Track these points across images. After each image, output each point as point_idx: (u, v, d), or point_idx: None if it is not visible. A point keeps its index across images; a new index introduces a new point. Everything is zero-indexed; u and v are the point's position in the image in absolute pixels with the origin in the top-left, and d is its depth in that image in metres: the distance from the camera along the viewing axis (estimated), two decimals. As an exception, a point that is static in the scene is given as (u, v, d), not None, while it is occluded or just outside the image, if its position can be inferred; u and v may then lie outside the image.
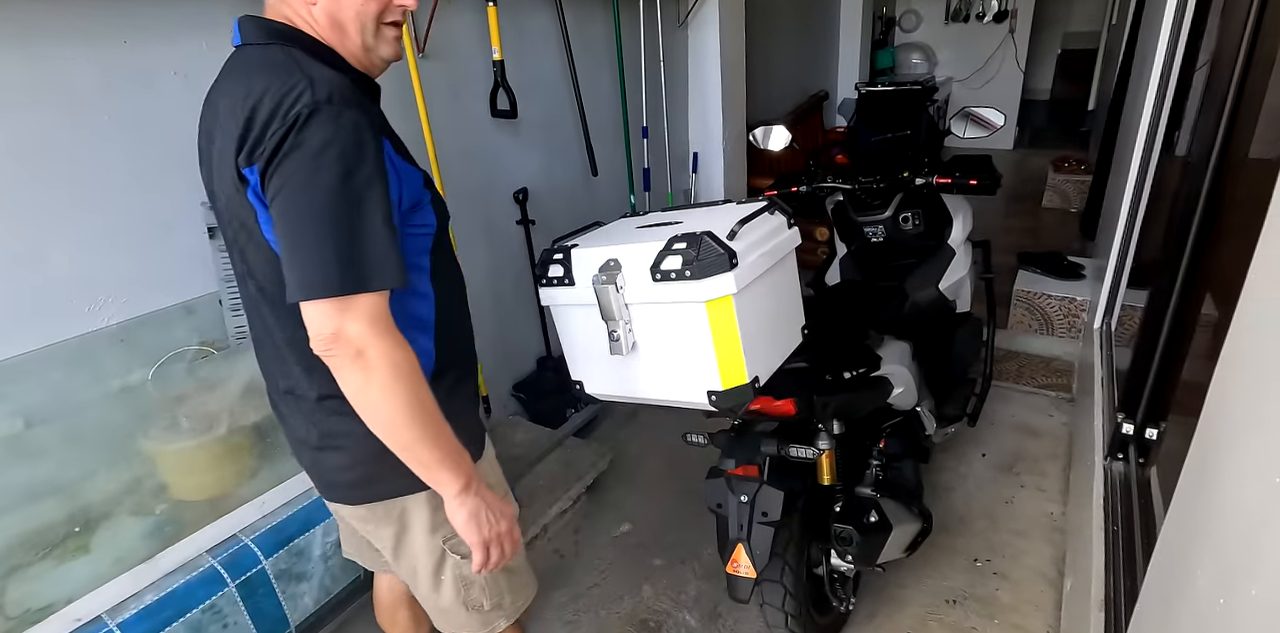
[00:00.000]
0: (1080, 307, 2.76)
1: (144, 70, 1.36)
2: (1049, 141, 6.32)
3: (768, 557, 1.34)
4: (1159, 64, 2.08)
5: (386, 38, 0.95)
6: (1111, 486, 1.56)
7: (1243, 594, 0.60)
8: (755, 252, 1.05)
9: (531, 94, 2.22)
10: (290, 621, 1.42)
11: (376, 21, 0.93)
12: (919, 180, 1.87)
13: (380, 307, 0.84)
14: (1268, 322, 0.68)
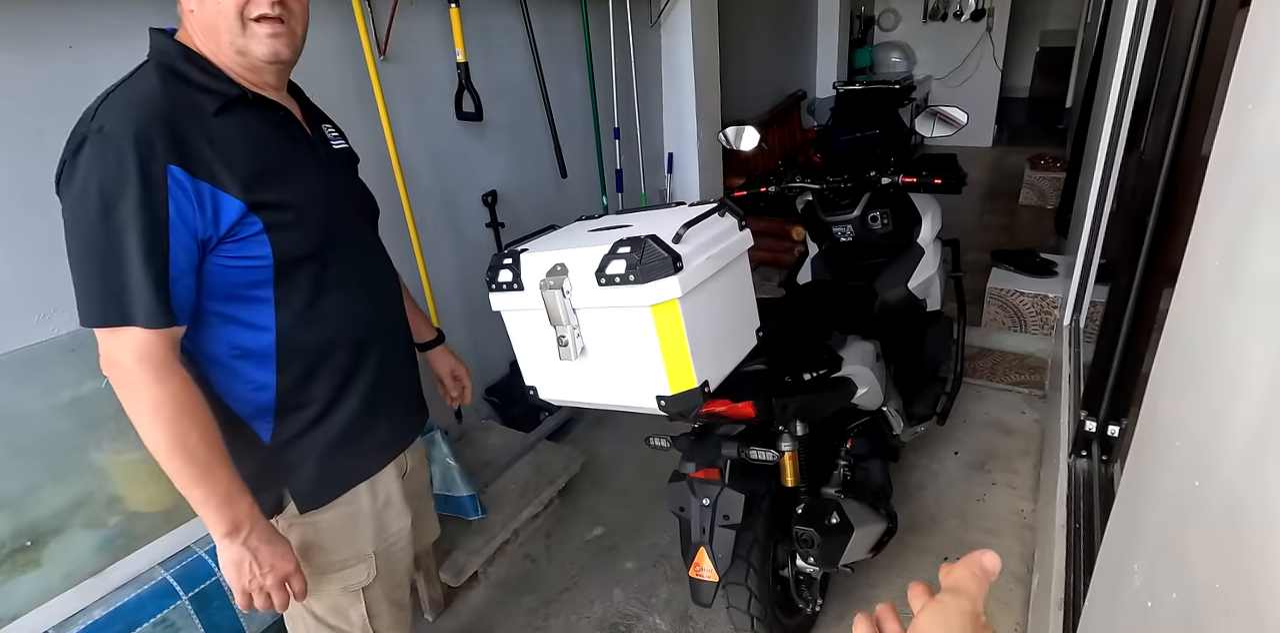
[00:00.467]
0: (1052, 303, 2.78)
1: (89, 76, 1.34)
2: (1027, 139, 6.36)
3: (730, 560, 1.33)
4: (1121, 62, 2.09)
5: (257, 35, 0.90)
6: (1075, 482, 1.57)
7: (1166, 597, 0.60)
8: (703, 254, 1.05)
9: (498, 96, 2.21)
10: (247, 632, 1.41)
11: (240, 17, 0.88)
12: (885, 180, 1.87)
13: (148, 342, 0.84)
14: (1192, 321, 0.68)
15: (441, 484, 1.78)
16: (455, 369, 1.41)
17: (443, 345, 1.40)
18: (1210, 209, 0.68)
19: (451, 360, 1.41)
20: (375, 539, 1.11)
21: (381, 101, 1.83)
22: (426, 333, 1.37)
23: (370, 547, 1.11)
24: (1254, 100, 0.58)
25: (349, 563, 1.10)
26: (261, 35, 0.90)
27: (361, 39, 1.76)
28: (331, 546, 1.08)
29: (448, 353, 1.41)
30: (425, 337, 1.36)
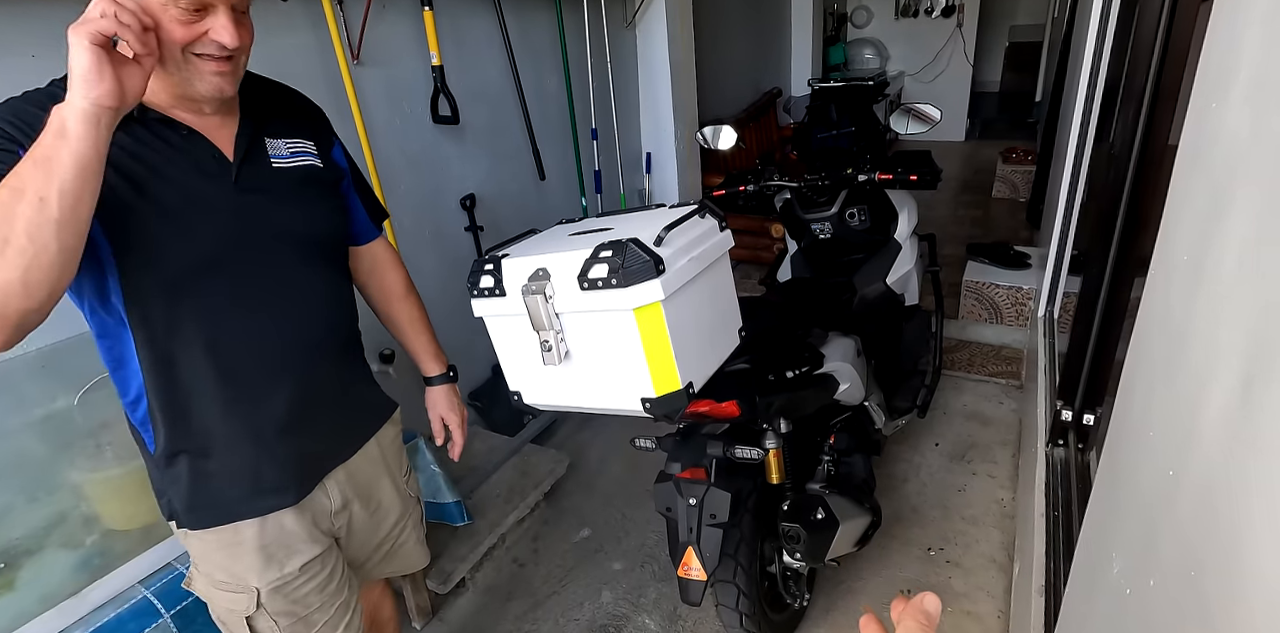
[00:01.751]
0: (1027, 295, 2.83)
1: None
2: (999, 133, 6.45)
3: (718, 558, 1.34)
4: (1089, 55, 2.13)
5: (201, 71, 0.85)
6: (1052, 471, 1.60)
7: (1143, 585, 0.62)
8: (684, 256, 1.05)
9: (475, 99, 2.20)
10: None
11: (183, 51, 0.83)
12: (862, 177, 1.89)
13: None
14: (1162, 314, 0.70)
15: (426, 491, 1.77)
16: (446, 416, 1.31)
17: (445, 386, 1.30)
18: (1178, 203, 0.70)
19: (444, 405, 1.30)
20: (260, 575, 1.02)
21: (356, 106, 1.81)
22: (430, 366, 1.30)
23: (254, 581, 1.02)
24: (1217, 99, 0.59)
25: (230, 587, 1.03)
26: (206, 73, 0.86)
27: (334, 43, 1.74)
28: (213, 565, 1.02)
29: (447, 395, 1.30)
30: (428, 371, 1.30)
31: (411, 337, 1.27)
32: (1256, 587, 0.41)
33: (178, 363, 0.92)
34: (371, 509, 1.16)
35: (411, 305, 1.26)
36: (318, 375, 1.04)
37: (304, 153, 1.02)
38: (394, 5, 1.91)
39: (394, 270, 1.25)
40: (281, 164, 0.99)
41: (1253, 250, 0.48)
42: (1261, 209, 0.48)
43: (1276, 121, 0.47)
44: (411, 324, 1.26)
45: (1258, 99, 0.51)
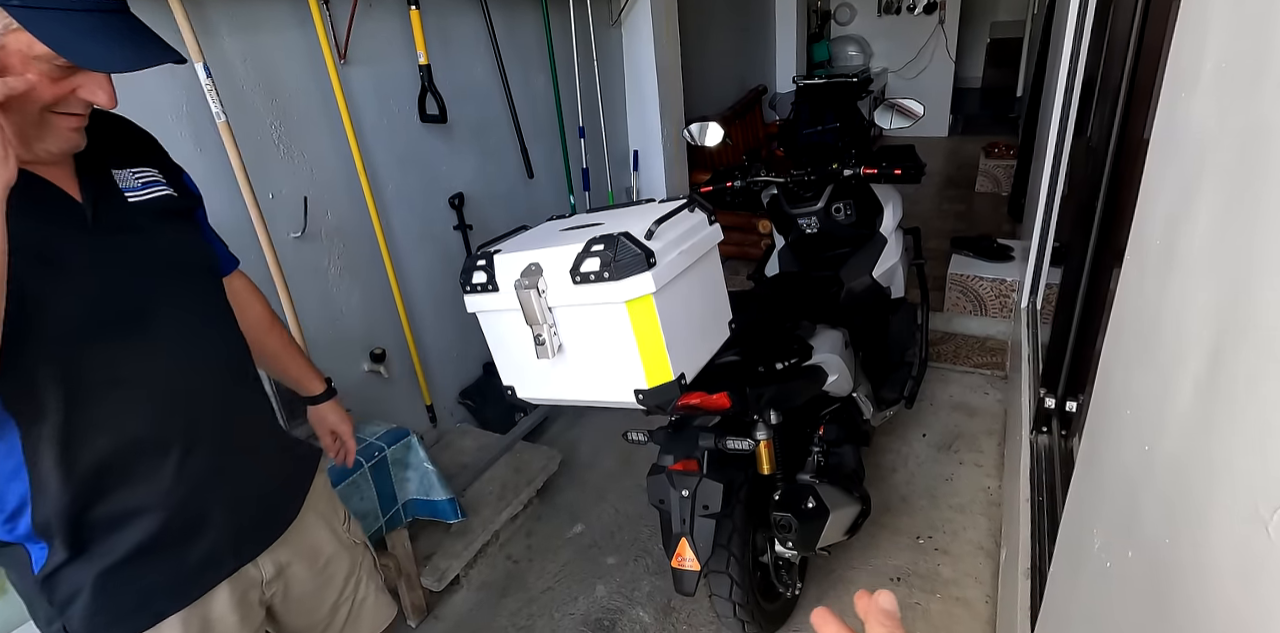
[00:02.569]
0: (1010, 287, 2.87)
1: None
2: (981, 128, 6.51)
3: (711, 549, 1.36)
4: (1067, 51, 2.17)
5: (58, 129, 0.76)
6: (1037, 458, 1.63)
7: (1122, 557, 0.64)
8: (675, 250, 1.07)
9: (462, 98, 2.20)
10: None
11: (42, 110, 0.73)
12: (847, 171, 1.92)
13: None
14: (1136, 299, 0.72)
15: (420, 489, 1.77)
16: (337, 427, 1.26)
17: (331, 401, 1.25)
18: (1151, 191, 0.73)
19: (335, 418, 1.25)
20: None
21: (344, 105, 1.81)
22: (314, 385, 1.23)
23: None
24: (1187, 88, 0.62)
25: None
26: (64, 129, 0.77)
27: (321, 43, 1.74)
28: None
29: (335, 409, 1.26)
30: (313, 390, 1.23)
31: (288, 364, 1.20)
32: (1224, 551, 0.44)
33: (76, 445, 0.78)
34: (319, 567, 1.06)
35: (280, 333, 1.18)
36: (232, 431, 0.93)
37: (154, 183, 0.90)
38: (380, 4, 1.91)
39: (258, 301, 1.15)
40: (137, 198, 0.87)
41: (1218, 236, 0.51)
42: (1227, 196, 0.50)
43: (1240, 110, 0.49)
44: (285, 351, 1.19)
45: (1222, 88, 0.53)
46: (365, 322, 2.05)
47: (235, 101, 1.60)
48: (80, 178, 0.82)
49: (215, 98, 1.50)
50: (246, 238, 1.66)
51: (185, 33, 1.44)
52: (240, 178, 1.58)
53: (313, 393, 1.24)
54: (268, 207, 1.70)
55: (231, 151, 1.56)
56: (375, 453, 1.67)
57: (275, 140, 1.72)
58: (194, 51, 1.46)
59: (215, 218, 1.59)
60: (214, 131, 1.55)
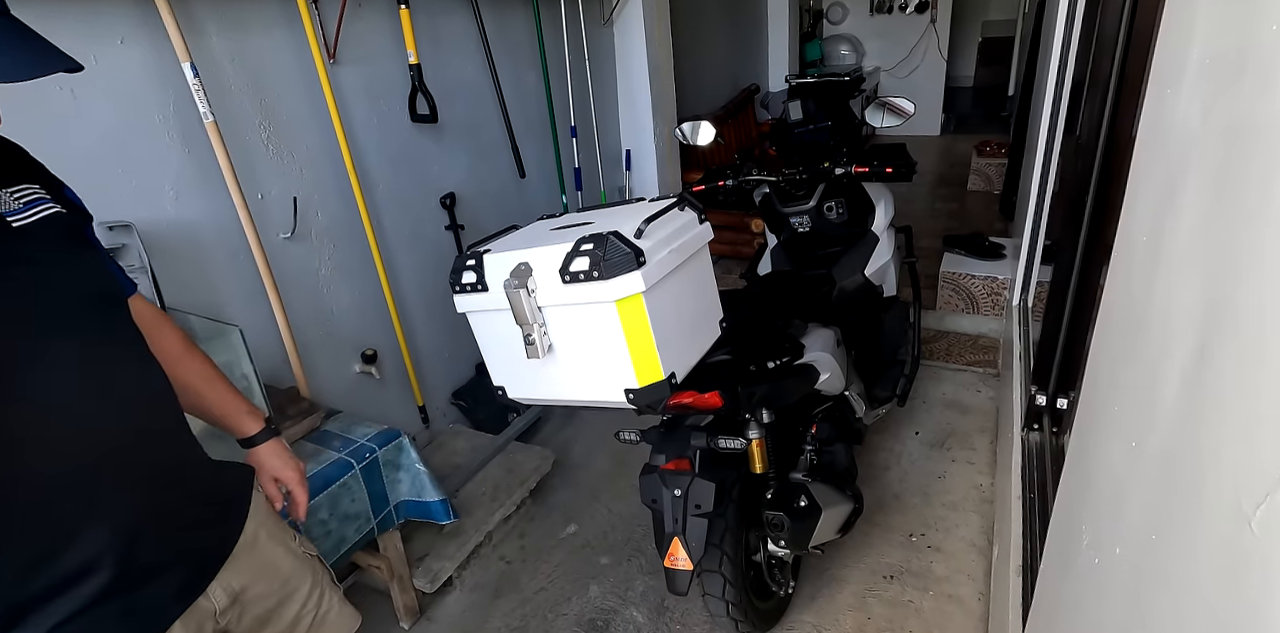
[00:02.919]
0: (1002, 285, 2.88)
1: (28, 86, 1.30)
2: (973, 127, 6.54)
3: (703, 548, 1.36)
4: (1057, 49, 2.17)
5: None
6: (1028, 455, 1.64)
7: (1110, 553, 0.64)
8: (665, 248, 1.07)
9: (453, 97, 2.19)
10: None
11: None
12: (839, 170, 1.92)
13: None
14: (1124, 294, 0.72)
15: (411, 490, 1.77)
16: (280, 474, 1.08)
17: (273, 441, 1.08)
18: (1137, 188, 0.73)
19: (276, 463, 1.07)
20: None
21: (333, 105, 1.80)
22: (247, 425, 1.06)
23: None
24: (1171, 84, 0.62)
25: None
26: None
27: (310, 42, 1.73)
28: None
29: (278, 452, 1.08)
30: (246, 430, 1.06)
31: (211, 397, 1.02)
32: (1209, 547, 0.44)
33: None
34: (279, 584, 0.99)
35: (198, 362, 1.02)
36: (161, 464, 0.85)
37: (39, 201, 0.79)
38: (370, 4, 1.91)
39: (165, 326, 1.00)
40: (22, 221, 0.75)
41: (1202, 230, 0.51)
42: (1211, 193, 0.50)
43: (1223, 106, 0.49)
44: (207, 383, 1.02)
45: (1206, 84, 0.53)
46: (356, 323, 2.04)
47: (223, 102, 1.59)
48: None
49: (203, 98, 1.49)
50: (235, 239, 1.65)
51: (172, 32, 1.43)
52: (229, 178, 1.58)
53: (246, 433, 1.05)
54: (257, 207, 1.69)
55: (220, 152, 1.55)
56: (366, 454, 1.66)
57: (264, 141, 1.71)
58: (181, 51, 1.45)
59: (204, 220, 1.61)
60: (202, 132, 1.54)
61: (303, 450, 1.65)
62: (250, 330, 1.63)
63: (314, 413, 1.73)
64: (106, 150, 1.43)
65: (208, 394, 1.02)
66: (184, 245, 1.58)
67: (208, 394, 1.02)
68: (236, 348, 1.45)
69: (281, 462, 1.08)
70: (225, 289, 1.68)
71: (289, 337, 1.76)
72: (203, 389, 1.01)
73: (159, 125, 1.50)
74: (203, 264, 1.63)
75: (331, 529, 1.60)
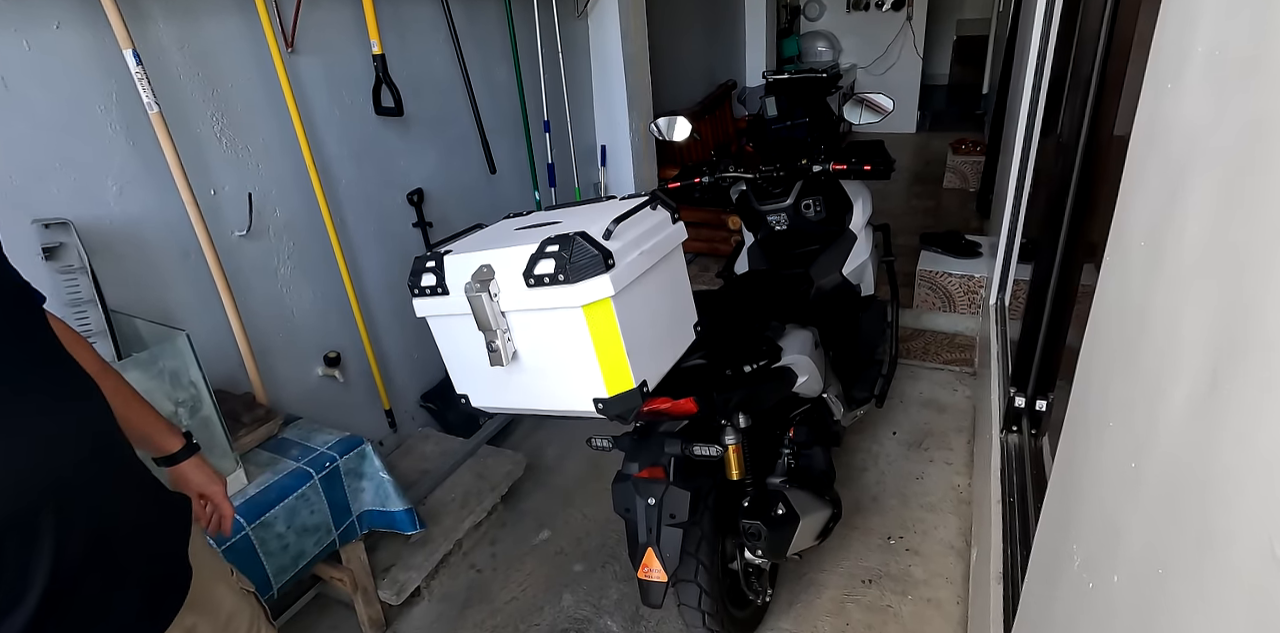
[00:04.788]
0: (979, 283, 2.87)
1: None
2: (948, 124, 6.56)
3: (678, 558, 1.31)
4: (1035, 48, 2.15)
5: None
6: (1007, 457, 1.62)
7: (1107, 580, 0.60)
8: (635, 250, 1.01)
9: (420, 90, 2.11)
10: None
11: None
12: (816, 167, 1.88)
13: None
14: (1118, 301, 0.68)
15: (375, 499, 1.70)
16: (205, 489, 1.04)
17: (193, 459, 1.04)
18: (1132, 188, 0.69)
19: (200, 479, 1.04)
20: None
21: (291, 97, 1.71)
22: (169, 442, 1.02)
23: None
24: (1172, 79, 0.57)
25: None
26: None
27: (265, 31, 1.64)
28: None
29: (199, 468, 1.05)
30: (168, 448, 1.02)
31: (131, 416, 0.95)
32: (1230, 591, 0.39)
33: None
34: (221, 623, 0.94)
35: (115, 379, 0.95)
36: (107, 485, 0.77)
37: None
38: (329, -10, 1.82)
39: (77, 343, 0.91)
40: None
41: (1217, 235, 0.46)
42: (1225, 191, 0.46)
43: (1237, 100, 0.45)
44: (126, 402, 0.96)
45: (1215, 76, 0.49)
46: (318, 324, 1.96)
47: (170, 91, 1.50)
48: None
49: (147, 87, 1.40)
50: (185, 237, 1.56)
51: (112, 17, 1.34)
52: (176, 172, 1.49)
53: (168, 451, 1.02)
54: (209, 204, 1.61)
55: (166, 145, 1.46)
56: (326, 463, 1.58)
57: (216, 133, 1.62)
58: (123, 37, 1.36)
59: (148, 215, 1.52)
60: (147, 124, 1.44)
61: (258, 460, 1.57)
62: (203, 333, 1.55)
63: (270, 420, 1.65)
64: (41, 142, 1.33)
65: (128, 413, 0.94)
66: (128, 244, 1.49)
67: (128, 413, 0.94)
68: (184, 354, 1.37)
69: (206, 477, 1.05)
70: (174, 290, 1.59)
71: (244, 340, 1.67)
72: (122, 408, 0.92)
73: (100, 116, 1.41)
74: (149, 264, 1.54)
75: (289, 543, 1.52)
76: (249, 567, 1.42)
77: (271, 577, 1.48)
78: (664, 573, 1.30)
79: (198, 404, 1.40)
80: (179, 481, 1.04)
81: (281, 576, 1.50)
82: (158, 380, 1.35)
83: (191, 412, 1.40)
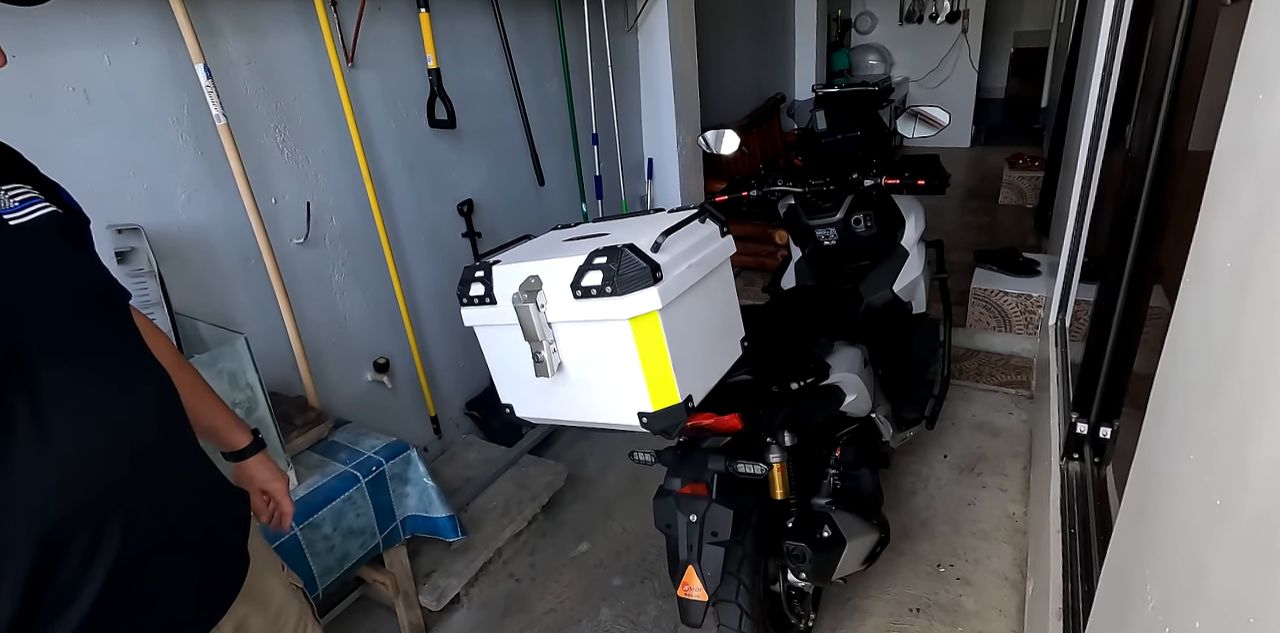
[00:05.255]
0: (1036, 303, 2.77)
1: (32, 86, 1.27)
2: (1005, 139, 6.40)
3: (719, 578, 1.28)
4: (1100, 60, 2.08)
5: None
6: (1068, 486, 1.54)
7: (1186, 625, 0.56)
8: (683, 263, 1.00)
9: (472, 103, 2.16)
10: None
11: None
12: (867, 181, 1.85)
13: None
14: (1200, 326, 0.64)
15: (419, 505, 1.71)
16: (268, 486, 1.08)
17: (259, 455, 1.07)
18: (1216, 206, 0.65)
19: (265, 475, 1.07)
20: None
21: (349, 110, 1.77)
22: (237, 438, 1.04)
23: None
24: (1266, 88, 0.54)
25: None
26: None
27: (327, 46, 1.70)
28: None
29: (264, 464, 1.07)
30: (236, 444, 1.05)
31: (203, 410, 0.99)
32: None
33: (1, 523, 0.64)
34: (271, 616, 0.95)
35: (190, 374, 0.99)
36: (175, 471, 0.80)
37: (33, 200, 0.75)
38: (389, 7, 1.87)
39: (157, 336, 0.96)
40: (19, 219, 0.71)
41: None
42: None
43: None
44: (198, 396, 0.99)
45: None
46: (369, 330, 2.00)
47: (237, 104, 1.56)
48: None
49: (216, 100, 1.46)
50: (246, 244, 1.62)
51: (186, 34, 1.40)
52: (240, 182, 1.54)
53: (236, 447, 1.04)
54: (269, 212, 1.66)
55: (232, 155, 1.52)
56: (373, 468, 1.61)
57: (279, 144, 1.68)
58: (195, 53, 1.42)
59: (213, 222, 1.57)
60: (215, 134, 1.51)
61: (308, 462, 1.61)
62: (260, 337, 1.59)
63: (321, 423, 1.68)
64: (118, 152, 1.40)
65: (199, 407, 0.97)
66: (194, 250, 1.55)
67: (199, 407, 0.97)
68: (242, 356, 1.41)
69: (270, 473, 1.08)
70: (235, 295, 1.65)
71: (299, 344, 1.72)
72: (196, 402, 0.96)
73: (172, 127, 1.47)
74: (212, 269, 1.59)
75: (335, 544, 1.55)
76: (296, 567, 1.45)
77: (317, 577, 1.50)
78: (704, 592, 1.28)
79: (253, 405, 1.44)
80: (243, 476, 1.06)
81: (327, 576, 1.53)
82: (217, 381, 1.39)
83: (247, 412, 1.44)
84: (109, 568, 0.69)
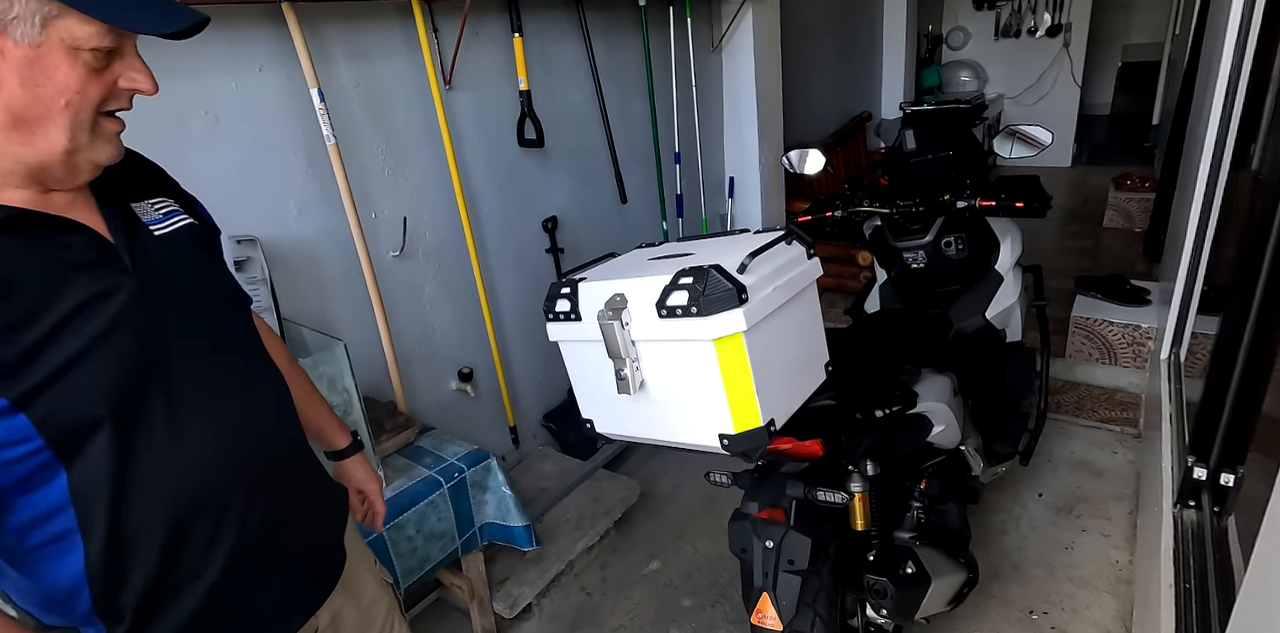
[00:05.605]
0: (1146, 334, 2.58)
1: (173, 110, 1.40)
2: (1109, 158, 6.04)
3: (795, 608, 1.24)
4: (1224, 75, 1.94)
5: (106, 134, 0.68)
6: (1183, 536, 1.41)
7: (1336, 704, 0.50)
8: (769, 285, 0.99)
9: (560, 123, 2.22)
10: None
11: (95, 112, 0.66)
12: (960, 203, 1.78)
13: None
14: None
15: (497, 513, 1.75)
16: (364, 486, 1.13)
17: (358, 456, 1.13)
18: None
19: (362, 475, 1.13)
20: None
21: (446, 130, 1.85)
22: (339, 439, 1.11)
23: None
24: None
25: None
26: (111, 134, 0.69)
27: (428, 69, 1.79)
28: None
29: (362, 465, 1.14)
30: (337, 444, 1.11)
31: (310, 411, 1.06)
32: None
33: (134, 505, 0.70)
34: (364, 609, 0.99)
35: (301, 377, 1.06)
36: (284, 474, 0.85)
37: (174, 212, 0.82)
38: (486, 32, 1.96)
39: (274, 341, 1.02)
40: (163, 231, 0.78)
41: None
42: None
43: None
44: (308, 397, 1.06)
45: None
46: (455, 341, 2.07)
47: (345, 125, 1.66)
48: (105, 215, 0.73)
49: (327, 121, 1.57)
50: (348, 255, 1.71)
51: (303, 60, 1.51)
52: (345, 197, 1.64)
53: (337, 447, 1.11)
54: (370, 226, 1.75)
55: (339, 172, 1.62)
56: (455, 474, 1.66)
57: (380, 162, 1.78)
58: (310, 77, 1.53)
59: (319, 235, 1.68)
60: (324, 153, 1.61)
61: (395, 465, 1.67)
62: (355, 344, 1.67)
63: (409, 428, 1.75)
64: (241, 169, 1.52)
65: (308, 408, 1.05)
66: (301, 260, 1.65)
67: (308, 408, 1.05)
68: (340, 362, 1.48)
69: (367, 474, 1.14)
70: (336, 303, 1.74)
71: (391, 352, 1.80)
72: (304, 403, 1.02)
73: (286, 146, 1.58)
74: (317, 278, 1.69)
75: (418, 546, 1.60)
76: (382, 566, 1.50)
77: (400, 578, 1.56)
78: (779, 621, 1.24)
79: (348, 409, 1.51)
80: (342, 475, 1.13)
81: (408, 577, 1.58)
82: (317, 384, 1.46)
83: (343, 415, 1.51)
84: (229, 551, 0.76)
